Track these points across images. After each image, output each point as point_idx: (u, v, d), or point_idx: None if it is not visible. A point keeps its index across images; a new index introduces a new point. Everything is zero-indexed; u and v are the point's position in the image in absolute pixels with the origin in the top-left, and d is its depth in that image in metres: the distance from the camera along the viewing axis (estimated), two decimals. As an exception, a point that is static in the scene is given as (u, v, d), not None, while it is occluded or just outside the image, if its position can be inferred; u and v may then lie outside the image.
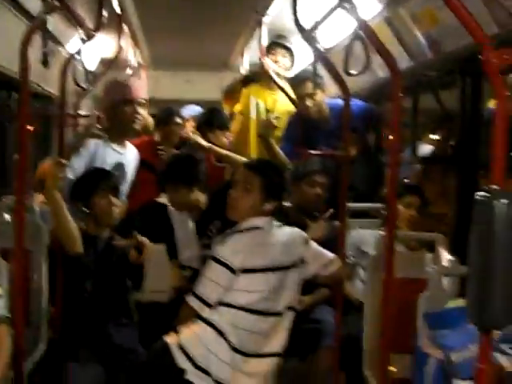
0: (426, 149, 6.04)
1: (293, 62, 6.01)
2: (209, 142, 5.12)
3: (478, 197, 1.86)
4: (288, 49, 5.97)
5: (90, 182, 3.99)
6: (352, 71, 3.45)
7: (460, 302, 2.82)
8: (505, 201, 1.83)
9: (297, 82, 5.50)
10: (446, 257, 3.92)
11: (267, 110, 5.77)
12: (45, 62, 3.19)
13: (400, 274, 3.31)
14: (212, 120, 5.36)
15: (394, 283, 3.15)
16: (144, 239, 3.80)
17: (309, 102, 5.33)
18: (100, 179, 3.99)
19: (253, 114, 5.81)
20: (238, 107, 6.09)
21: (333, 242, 4.28)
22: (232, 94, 6.62)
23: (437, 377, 2.72)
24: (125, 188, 4.40)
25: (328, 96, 5.47)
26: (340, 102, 5.54)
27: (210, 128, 5.32)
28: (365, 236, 4.46)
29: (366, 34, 3.09)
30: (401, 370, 3.33)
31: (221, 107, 6.16)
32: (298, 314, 4.16)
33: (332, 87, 5.24)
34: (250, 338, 3.29)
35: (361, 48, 3.39)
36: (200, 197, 4.28)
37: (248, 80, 6.27)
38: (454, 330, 2.70)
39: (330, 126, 5.40)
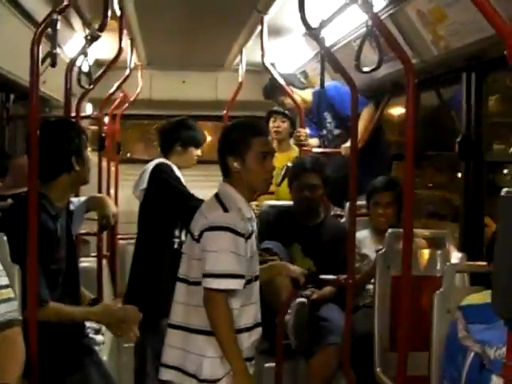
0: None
1: (291, 125, 6.32)
2: None
3: (504, 193, 1.84)
4: (286, 115, 6.27)
5: None
6: (365, 68, 3.43)
7: (482, 297, 2.80)
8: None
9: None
10: (454, 254, 3.94)
11: None
12: (53, 64, 3.10)
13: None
14: None
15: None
16: None
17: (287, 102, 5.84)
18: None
19: None
20: None
21: (340, 242, 4.29)
22: None
23: (474, 370, 2.70)
24: None
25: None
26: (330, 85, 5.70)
27: None
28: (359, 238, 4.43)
29: (380, 31, 3.07)
30: (416, 368, 3.32)
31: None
32: (305, 313, 4.19)
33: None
34: None
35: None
36: None
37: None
38: (490, 325, 2.67)
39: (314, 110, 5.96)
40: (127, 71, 5.94)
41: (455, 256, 3.93)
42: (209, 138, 10.68)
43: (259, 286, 3.37)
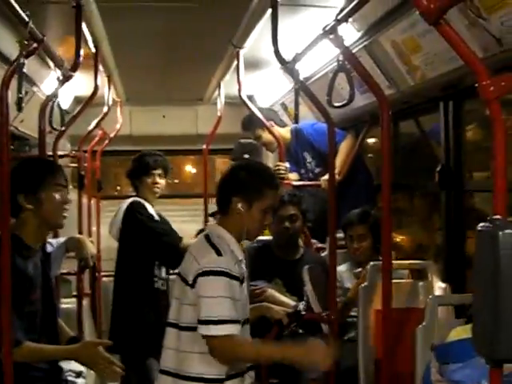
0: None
1: None
2: None
3: (480, 227, 1.81)
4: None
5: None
6: (336, 103, 3.41)
7: (466, 331, 2.74)
8: (510, 231, 1.78)
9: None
10: (437, 284, 3.90)
11: None
12: (19, 108, 3.01)
13: (394, 303, 3.26)
14: None
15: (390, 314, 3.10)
16: None
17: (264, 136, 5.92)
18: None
19: None
20: None
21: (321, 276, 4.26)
22: None
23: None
24: None
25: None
26: (306, 124, 5.71)
27: None
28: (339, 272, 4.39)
29: (352, 65, 3.06)
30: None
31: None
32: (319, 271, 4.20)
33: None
34: None
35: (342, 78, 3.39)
36: None
37: None
38: (465, 364, 2.61)
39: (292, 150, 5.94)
40: (105, 108, 5.93)
41: (438, 286, 3.90)
42: (193, 171, 10.73)
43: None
